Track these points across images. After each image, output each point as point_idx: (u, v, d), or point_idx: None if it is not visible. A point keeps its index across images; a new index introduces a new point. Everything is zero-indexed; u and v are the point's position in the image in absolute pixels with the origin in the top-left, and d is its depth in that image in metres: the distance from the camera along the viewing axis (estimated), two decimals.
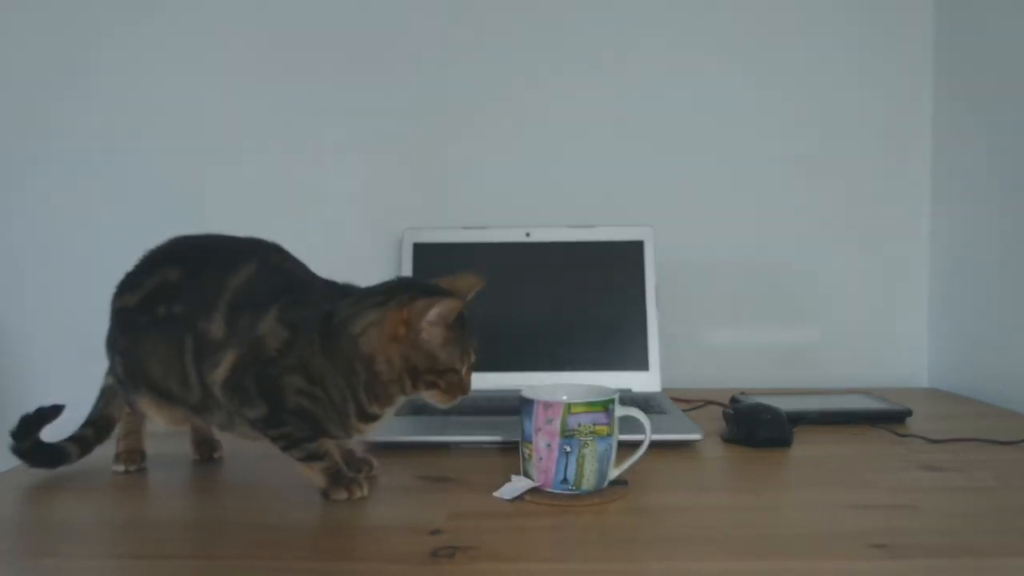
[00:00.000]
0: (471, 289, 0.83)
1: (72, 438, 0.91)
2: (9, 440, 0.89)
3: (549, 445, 0.78)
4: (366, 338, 0.78)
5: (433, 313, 0.77)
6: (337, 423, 0.81)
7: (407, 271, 1.28)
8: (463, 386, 0.82)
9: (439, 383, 0.80)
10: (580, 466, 0.78)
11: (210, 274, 0.84)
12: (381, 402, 0.81)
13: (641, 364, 1.23)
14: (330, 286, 0.85)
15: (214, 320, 0.82)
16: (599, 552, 0.68)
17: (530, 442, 0.80)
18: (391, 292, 0.81)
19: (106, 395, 0.94)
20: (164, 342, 0.84)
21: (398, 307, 0.78)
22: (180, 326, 0.83)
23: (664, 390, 1.22)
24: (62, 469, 0.90)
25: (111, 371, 0.92)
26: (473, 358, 0.82)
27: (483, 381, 1.22)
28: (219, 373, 0.81)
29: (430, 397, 0.81)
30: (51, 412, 0.91)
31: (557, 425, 0.78)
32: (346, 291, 0.84)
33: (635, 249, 1.27)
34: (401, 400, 0.82)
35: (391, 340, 0.78)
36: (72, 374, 1.01)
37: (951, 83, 1.38)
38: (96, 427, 0.92)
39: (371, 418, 0.82)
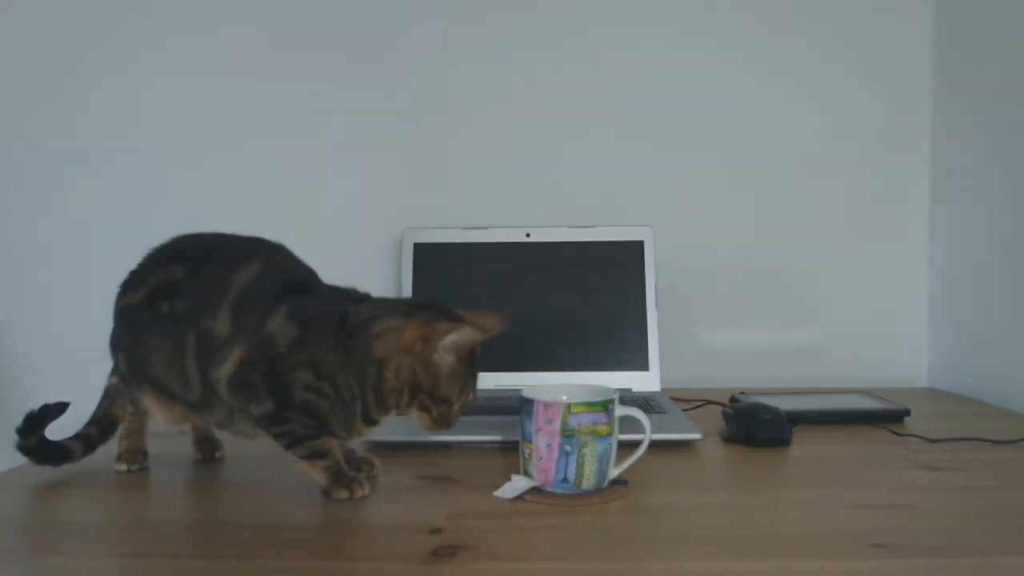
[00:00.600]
0: (492, 330, 0.82)
1: (76, 436, 0.92)
2: (14, 437, 0.89)
3: (549, 445, 0.79)
4: (382, 341, 0.79)
5: (451, 339, 0.78)
6: (342, 422, 0.81)
7: (407, 271, 1.28)
8: (450, 420, 0.82)
9: (431, 409, 0.81)
10: (580, 466, 0.79)
11: (214, 272, 0.85)
12: (381, 408, 0.81)
13: (641, 364, 1.24)
14: (335, 288, 0.86)
15: (219, 317, 0.82)
16: (599, 552, 0.68)
17: (530, 442, 0.80)
18: (418, 307, 0.82)
19: (109, 395, 0.94)
20: (167, 339, 0.84)
21: (421, 323, 0.79)
22: (183, 323, 0.83)
23: (664, 390, 1.22)
24: (65, 468, 0.90)
25: (115, 369, 0.92)
26: (471, 397, 0.83)
27: (483, 381, 1.22)
28: (225, 369, 0.81)
29: (418, 420, 0.82)
30: (56, 409, 0.91)
31: (557, 425, 0.78)
32: (350, 294, 0.85)
33: (635, 249, 1.27)
34: (394, 413, 0.83)
35: (405, 351, 0.79)
36: (73, 374, 1.01)
37: (951, 83, 1.38)
38: (100, 426, 0.93)
39: (373, 422, 0.82)
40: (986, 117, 1.29)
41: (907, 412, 1.11)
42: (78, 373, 0.98)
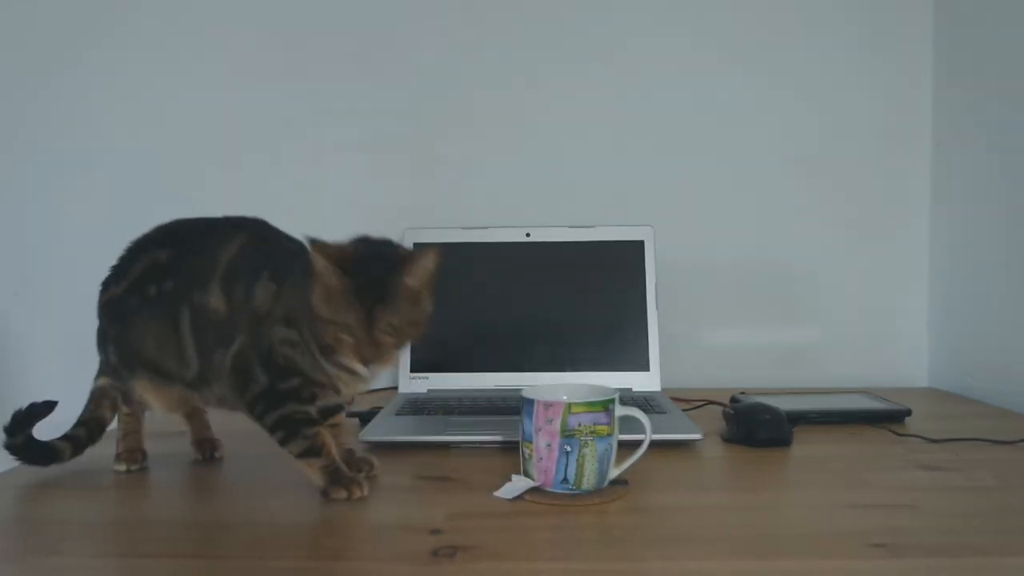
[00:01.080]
0: (409, 259, 0.79)
1: (65, 437, 0.92)
2: (1, 435, 0.89)
3: (549, 445, 0.79)
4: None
5: (319, 253, 0.76)
6: (317, 368, 0.80)
7: None
8: (347, 346, 0.77)
9: (325, 334, 0.78)
10: (580, 466, 0.79)
11: (200, 250, 0.86)
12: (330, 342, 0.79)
13: (641, 364, 1.24)
14: None
15: (211, 291, 0.83)
16: (599, 552, 0.68)
17: (530, 442, 0.80)
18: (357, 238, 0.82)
19: (96, 397, 0.94)
20: (157, 319, 0.85)
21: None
22: (174, 300, 0.84)
23: (664, 390, 1.22)
24: (65, 469, 0.90)
25: (103, 366, 0.92)
26: (361, 315, 0.76)
27: (483, 381, 1.23)
28: (228, 357, 0.82)
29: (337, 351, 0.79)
30: (43, 408, 0.91)
31: (557, 425, 0.78)
32: None
33: (635, 249, 1.27)
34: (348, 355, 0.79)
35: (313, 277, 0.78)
36: (71, 374, 1.01)
37: (951, 83, 1.38)
38: (88, 427, 0.93)
39: (337, 364, 0.80)
40: (986, 117, 1.29)
41: (908, 412, 1.11)
42: (76, 373, 0.97)
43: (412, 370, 1.25)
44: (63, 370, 0.98)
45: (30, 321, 1.44)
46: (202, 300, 0.83)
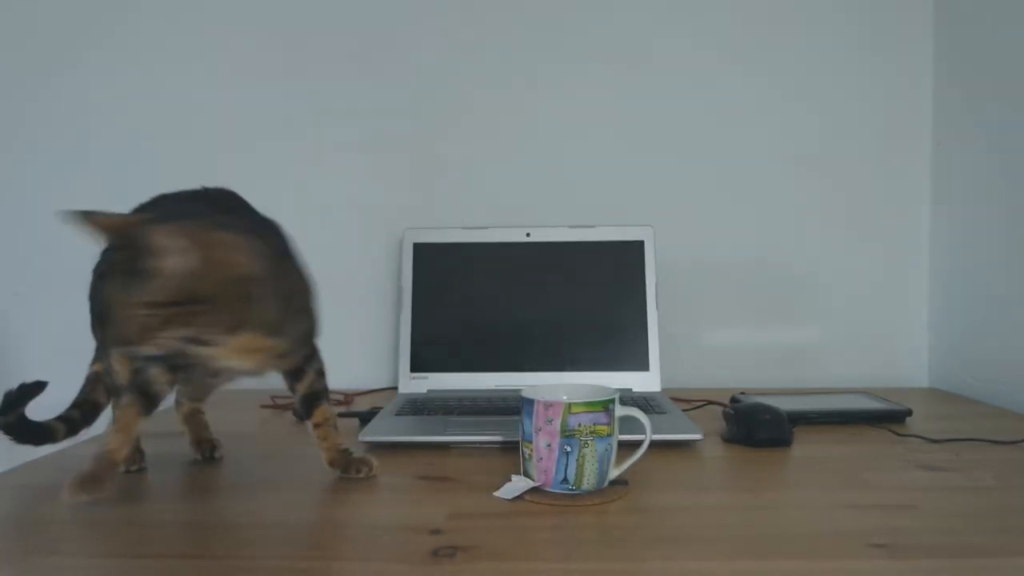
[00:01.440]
0: (152, 235, 0.73)
1: (59, 418, 0.92)
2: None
3: (549, 445, 0.79)
4: None
5: (91, 224, 0.77)
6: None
7: (407, 271, 1.28)
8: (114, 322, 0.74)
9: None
10: (580, 466, 0.79)
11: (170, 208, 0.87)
12: None
13: (641, 364, 1.24)
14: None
15: None
16: (599, 552, 0.68)
17: (530, 442, 0.80)
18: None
19: (91, 381, 0.95)
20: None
21: None
22: None
23: (664, 390, 1.22)
24: (65, 470, 0.90)
25: (97, 352, 0.93)
26: (112, 291, 0.74)
27: (483, 381, 1.23)
28: None
29: None
30: (34, 388, 0.91)
31: (557, 425, 0.78)
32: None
33: (635, 249, 1.27)
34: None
35: None
36: (72, 374, 1.01)
37: (951, 83, 1.38)
38: (82, 410, 0.93)
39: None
40: (986, 117, 1.29)
41: (909, 412, 1.11)
42: (76, 374, 0.98)
43: (412, 370, 1.25)
44: (63, 370, 0.97)
45: (30, 321, 1.44)
46: None
